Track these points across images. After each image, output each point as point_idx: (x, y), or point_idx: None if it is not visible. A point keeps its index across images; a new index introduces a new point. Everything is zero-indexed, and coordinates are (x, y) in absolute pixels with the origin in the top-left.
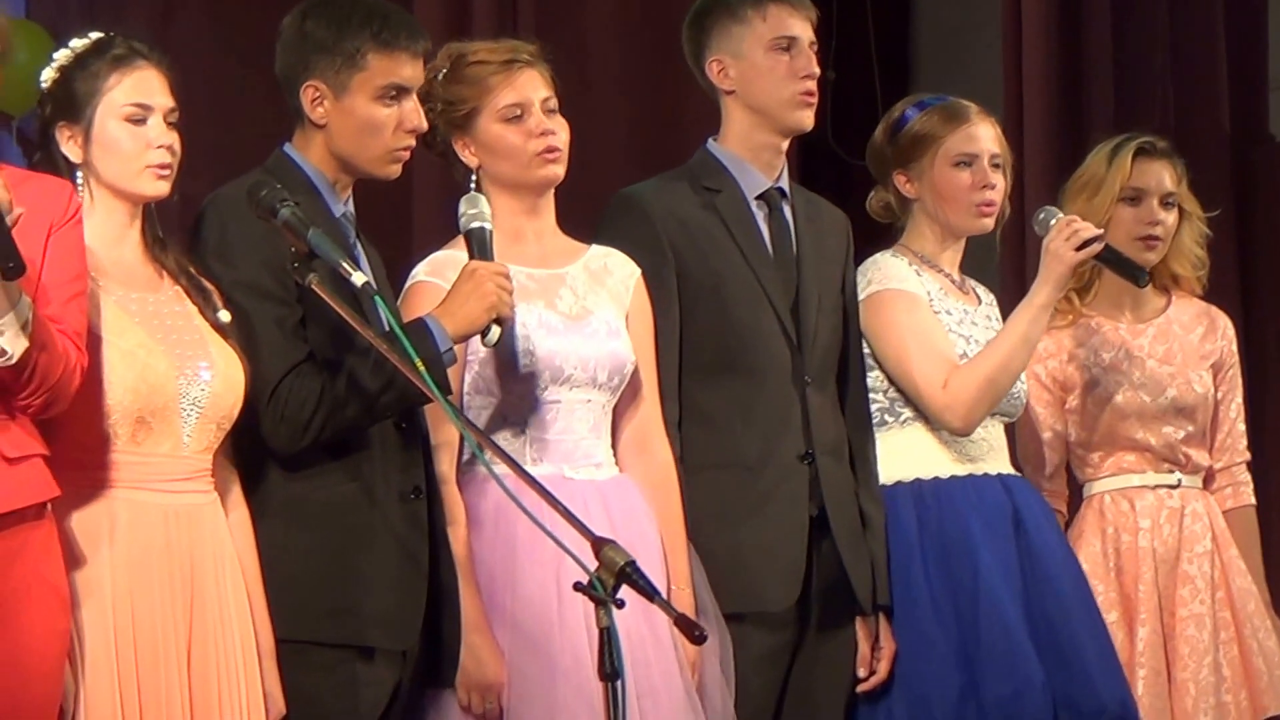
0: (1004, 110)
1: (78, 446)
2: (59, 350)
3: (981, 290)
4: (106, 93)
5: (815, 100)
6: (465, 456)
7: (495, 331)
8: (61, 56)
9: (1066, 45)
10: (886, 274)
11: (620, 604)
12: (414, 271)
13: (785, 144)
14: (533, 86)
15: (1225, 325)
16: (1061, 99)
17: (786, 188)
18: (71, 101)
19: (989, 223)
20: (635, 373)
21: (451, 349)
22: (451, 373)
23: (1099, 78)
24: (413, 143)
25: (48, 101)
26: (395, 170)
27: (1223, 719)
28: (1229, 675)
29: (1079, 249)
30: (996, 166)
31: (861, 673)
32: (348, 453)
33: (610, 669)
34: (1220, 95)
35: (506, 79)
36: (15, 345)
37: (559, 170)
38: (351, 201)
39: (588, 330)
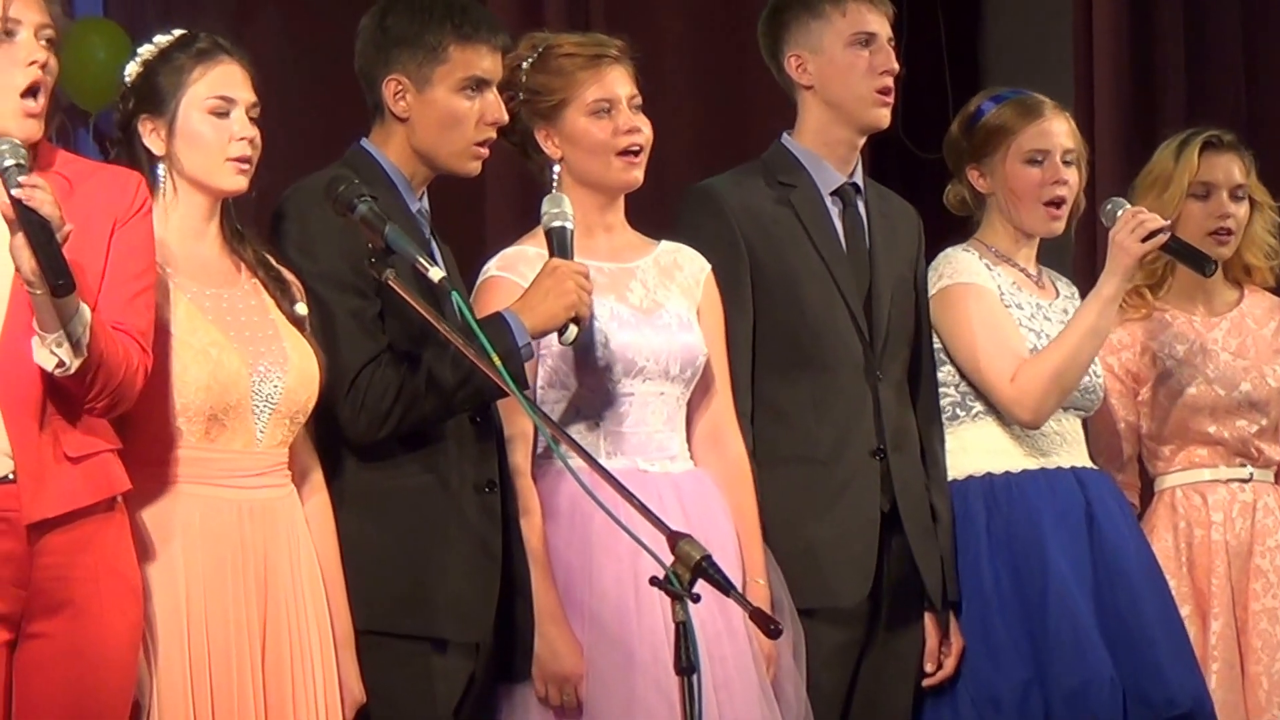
0: (1075, 104)
1: (152, 443)
2: (120, 355)
3: (1062, 284)
4: (190, 86)
5: (892, 97)
6: (540, 450)
7: (573, 330)
8: (145, 51)
9: (1138, 39)
10: (957, 268)
11: (696, 598)
12: (486, 266)
13: (861, 140)
14: (620, 82)
15: None
16: (1133, 93)
17: (860, 183)
18: (155, 94)
19: (1058, 226)
20: (708, 366)
21: (530, 344)
22: (526, 367)
23: (1171, 71)
24: (493, 135)
25: (131, 95)
26: (475, 167)
27: None
28: None
29: (1145, 240)
30: (1069, 163)
31: (929, 668)
32: (423, 445)
33: (686, 663)
34: None
35: (595, 73)
36: (73, 356)
37: (639, 175)
38: (426, 198)
39: (659, 323)
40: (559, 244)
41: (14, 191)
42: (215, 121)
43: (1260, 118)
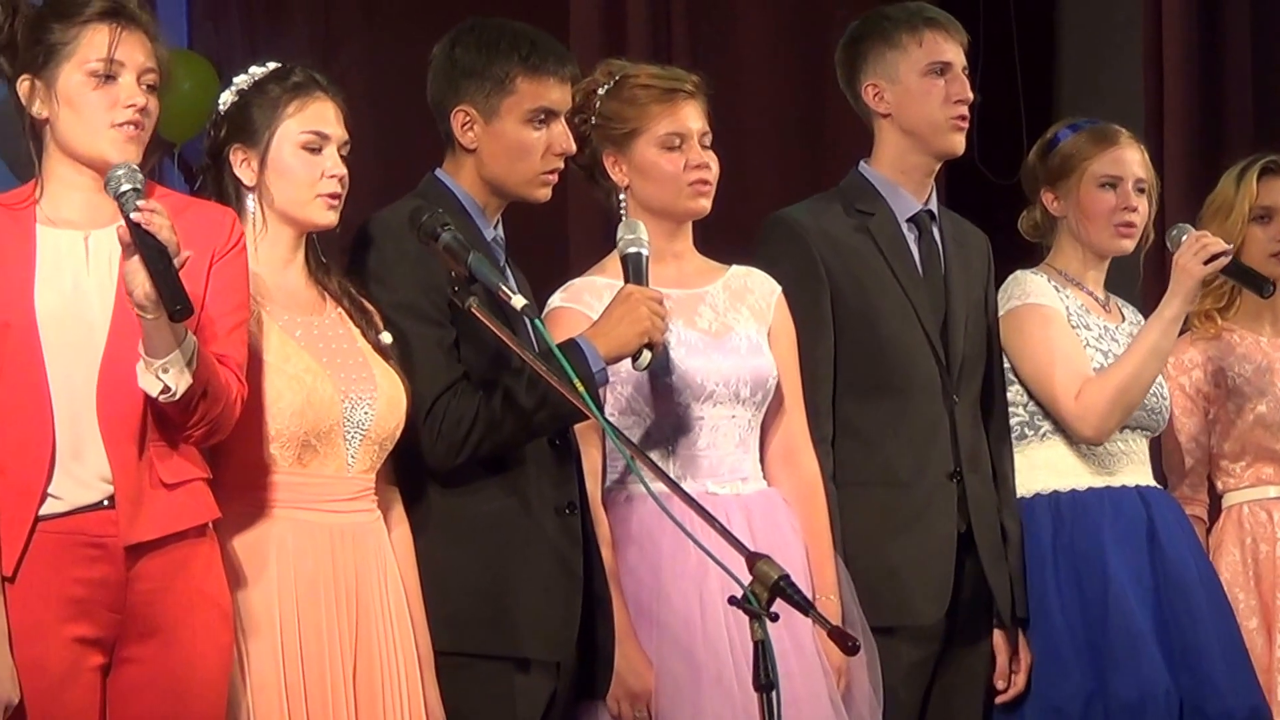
0: (1145, 135)
1: (246, 469)
2: (221, 384)
3: (1129, 310)
4: (284, 120)
5: (967, 124)
6: (609, 479)
7: (646, 356)
8: (241, 81)
9: (1207, 69)
10: (1027, 290)
11: (775, 617)
12: (551, 299)
13: (936, 166)
14: (693, 118)
15: None
16: (1201, 122)
17: (935, 210)
18: (248, 125)
19: (1129, 244)
20: (779, 387)
21: (604, 369)
22: (603, 392)
23: (1239, 101)
24: (561, 165)
25: (224, 123)
26: (545, 193)
27: None
28: None
29: (1207, 263)
30: (1141, 191)
31: (1000, 684)
32: (504, 469)
33: (766, 680)
34: None
35: (670, 107)
36: (179, 382)
37: (707, 204)
38: (501, 225)
39: (728, 346)
40: (634, 270)
41: (132, 215)
42: (308, 157)
43: None
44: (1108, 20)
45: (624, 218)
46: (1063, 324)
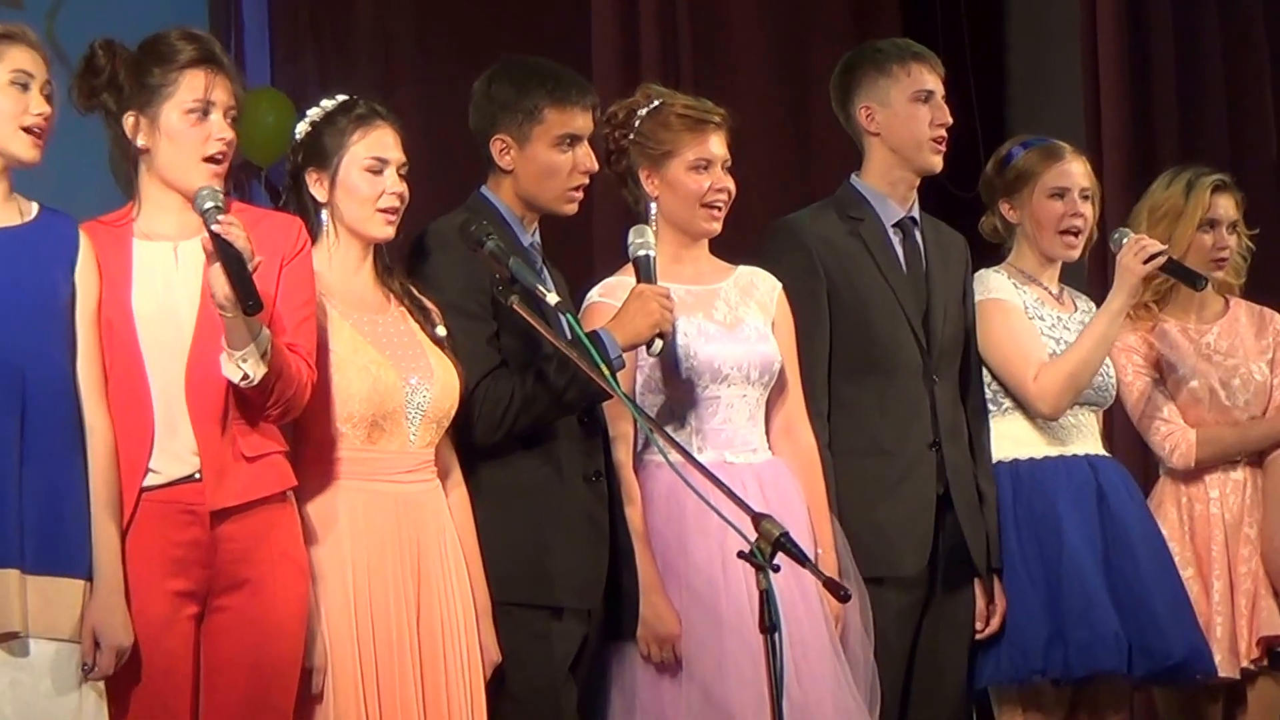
0: (1085, 147)
1: (322, 447)
2: (293, 370)
3: (1081, 300)
4: (351, 146)
5: (945, 146)
6: (639, 447)
7: (658, 344)
8: (314, 113)
9: (1137, 92)
10: (989, 286)
11: (776, 569)
12: (589, 294)
13: (918, 180)
14: (718, 145)
15: (1276, 321)
16: (1133, 138)
17: (917, 216)
18: (321, 151)
19: (1074, 253)
20: (782, 371)
21: (621, 355)
22: (624, 375)
23: (1165, 119)
24: (586, 181)
25: (300, 150)
26: (572, 208)
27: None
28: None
29: (1146, 261)
30: (1086, 198)
31: (979, 626)
32: (540, 443)
33: (770, 623)
34: (1269, 131)
35: (700, 135)
36: (257, 370)
37: (718, 226)
38: (538, 233)
39: (740, 336)
40: (644, 270)
41: (214, 227)
42: (371, 178)
43: (1241, 156)
44: (1050, 51)
45: (639, 224)
46: (1020, 316)
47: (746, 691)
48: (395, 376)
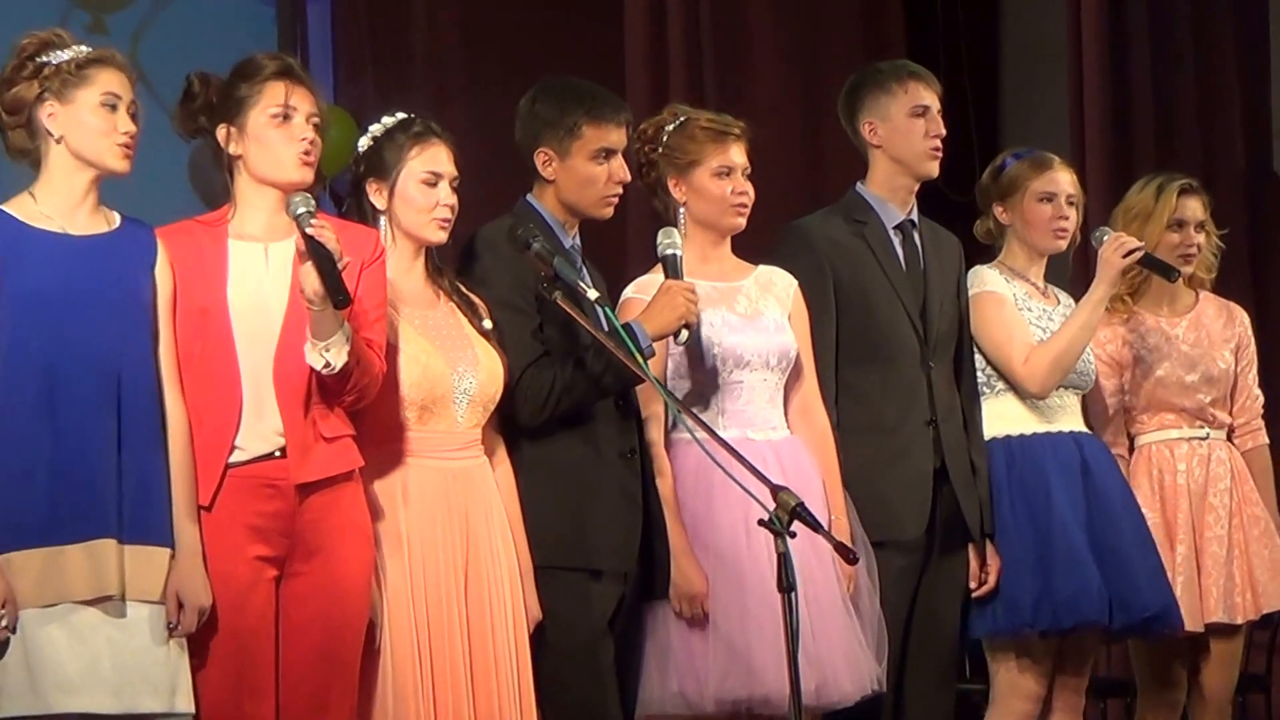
0: (1069, 155)
1: (381, 428)
2: (369, 361)
3: (1063, 295)
4: (409, 161)
5: (941, 154)
6: (669, 427)
7: (684, 334)
8: (375, 129)
9: (1117, 105)
10: (983, 280)
11: (793, 534)
12: (625, 291)
13: (916, 186)
14: (739, 154)
15: (1241, 315)
16: (1113, 147)
17: (916, 219)
18: (381, 164)
19: (1063, 244)
20: (798, 358)
21: (651, 344)
22: (655, 362)
23: (1143, 130)
24: (620, 190)
25: (362, 162)
26: (608, 213)
27: (1233, 614)
28: (1239, 582)
29: (1125, 256)
30: (1071, 204)
31: (972, 585)
32: (580, 423)
33: (787, 583)
34: (1235, 141)
35: (722, 145)
36: (339, 359)
37: (743, 222)
38: (578, 236)
39: (760, 326)
40: (671, 268)
41: (307, 229)
42: (426, 189)
43: (1212, 162)
44: (1039, 70)
45: (668, 225)
46: (1011, 307)
47: (766, 644)
48: (443, 365)
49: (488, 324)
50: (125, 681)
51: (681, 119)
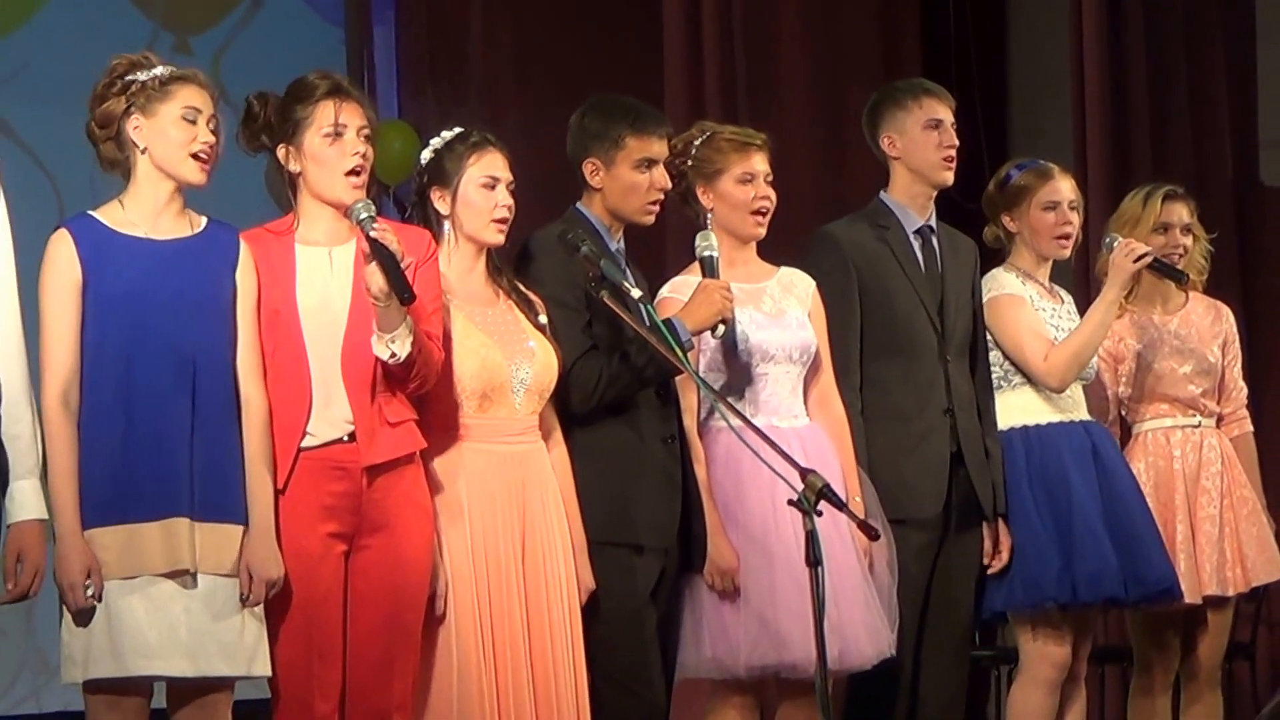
0: (1072, 165)
1: (443, 414)
2: (430, 351)
3: (1065, 295)
4: (468, 168)
5: (954, 164)
6: (702, 416)
7: (721, 328)
8: (436, 142)
9: (1116, 119)
10: (1002, 284)
11: (819, 514)
12: (661, 291)
13: (934, 194)
14: (760, 163)
15: (1228, 313)
16: (1113, 157)
17: (934, 225)
18: (443, 172)
19: (1066, 251)
20: (818, 353)
21: (690, 339)
22: (692, 355)
23: (1140, 142)
24: (661, 198)
25: (425, 171)
26: (650, 219)
27: (1225, 587)
28: (1230, 557)
29: (1135, 260)
30: (1073, 209)
31: (986, 561)
32: (624, 411)
33: (814, 559)
34: (1225, 153)
35: (745, 155)
36: (403, 349)
37: (763, 231)
38: (623, 240)
39: (784, 323)
40: (709, 268)
41: (371, 233)
42: (485, 193)
43: (1204, 171)
44: (1044, 85)
45: (703, 230)
46: (1029, 307)
47: (794, 615)
48: (501, 357)
49: (544, 319)
50: (200, 647)
51: (708, 133)
